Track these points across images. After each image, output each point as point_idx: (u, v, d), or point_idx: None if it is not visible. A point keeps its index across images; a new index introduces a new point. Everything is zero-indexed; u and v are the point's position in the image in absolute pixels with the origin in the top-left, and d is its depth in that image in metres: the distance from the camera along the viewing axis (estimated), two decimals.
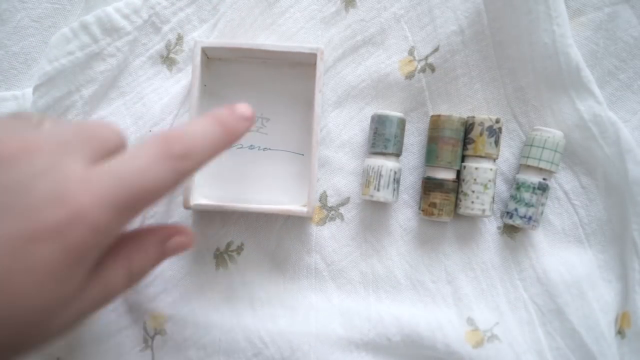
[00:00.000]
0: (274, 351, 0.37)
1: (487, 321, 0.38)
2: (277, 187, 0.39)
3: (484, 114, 0.39)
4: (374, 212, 0.39)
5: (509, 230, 0.39)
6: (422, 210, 0.38)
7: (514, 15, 0.37)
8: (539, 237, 0.39)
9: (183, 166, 0.25)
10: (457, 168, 0.38)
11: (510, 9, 0.37)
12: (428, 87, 0.39)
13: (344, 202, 0.40)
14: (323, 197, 0.40)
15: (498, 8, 0.37)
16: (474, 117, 0.37)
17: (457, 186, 0.38)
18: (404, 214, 0.39)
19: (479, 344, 0.37)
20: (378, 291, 0.39)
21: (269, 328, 0.38)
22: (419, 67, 0.39)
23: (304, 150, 0.39)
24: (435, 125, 0.37)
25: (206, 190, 0.39)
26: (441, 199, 0.37)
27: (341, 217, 0.40)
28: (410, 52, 0.39)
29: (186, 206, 0.36)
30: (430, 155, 0.38)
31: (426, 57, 0.39)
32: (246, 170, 0.39)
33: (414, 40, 0.39)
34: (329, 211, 0.40)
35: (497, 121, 0.37)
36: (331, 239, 0.39)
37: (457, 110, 0.39)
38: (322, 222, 0.39)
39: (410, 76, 0.39)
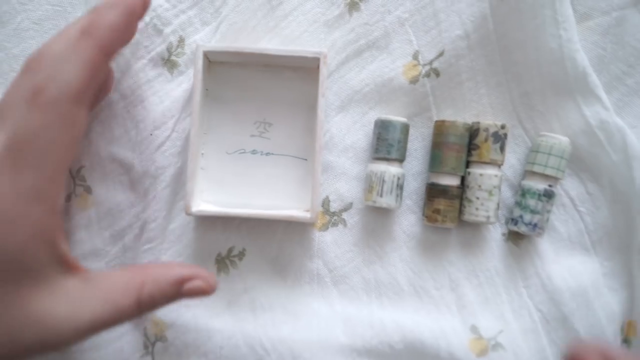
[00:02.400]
0: (275, 358, 0.37)
1: (491, 329, 0.38)
2: (280, 192, 0.39)
3: (489, 120, 0.38)
4: (377, 217, 0.39)
5: (514, 237, 0.39)
6: (426, 217, 0.37)
7: (520, 19, 0.37)
8: (544, 245, 0.38)
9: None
10: (462, 174, 0.37)
11: (516, 14, 0.37)
12: (432, 91, 0.38)
13: (347, 207, 0.39)
14: (326, 203, 0.39)
15: (504, 12, 0.37)
16: (479, 122, 0.37)
17: (461, 192, 0.37)
18: (408, 220, 0.39)
19: (483, 353, 0.37)
20: (381, 298, 0.39)
21: (270, 335, 0.37)
22: (424, 71, 0.38)
23: (307, 155, 0.39)
24: (440, 131, 0.37)
25: (208, 195, 0.38)
26: (445, 205, 0.37)
27: (344, 222, 0.39)
28: (415, 57, 0.39)
29: (188, 212, 0.36)
30: (435, 161, 0.37)
31: (431, 62, 0.38)
32: (249, 175, 0.39)
33: (418, 45, 0.39)
34: (331, 216, 0.39)
35: (503, 127, 0.36)
36: (334, 244, 0.39)
37: (462, 115, 0.39)
38: (325, 227, 0.39)
39: (414, 81, 0.38)
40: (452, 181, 0.37)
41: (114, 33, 0.30)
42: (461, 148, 0.37)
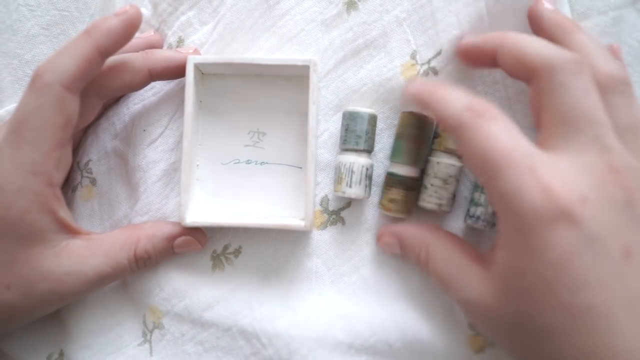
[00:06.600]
0: (272, 352, 0.37)
1: None
2: (276, 201, 0.39)
3: None
4: (376, 216, 0.39)
5: None
6: (382, 205, 0.38)
7: (516, 18, 0.37)
8: None
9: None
10: (422, 167, 0.37)
11: (512, 13, 0.37)
12: None
13: (346, 206, 0.39)
14: (324, 201, 0.39)
15: (500, 12, 0.37)
16: None
17: (418, 185, 0.37)
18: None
19: (480, 349, 0.37)
20: (379, 296, 0.39)
21: (267, 329, 0.37)
22: (422, 70, 0.39)
23: (301, 163, 0.39)
24: (405, 122, 0.37)
25: (204, 206, 0.39)
26: (402, 196, 0.37)
27: (342, 221, 0.39)
28: (413, 56, 0.39)
29: (183, 224, 0.36)
30: (396, 151, 0.37)
31: (429, 61, 0.39)
32: (244, 186, 0.39)
33: (416, 44, 0.39)
34: (330, 215, 0.39)
35: None
36: (332, 243, 0.39)
37: None
38: (323, 226, 0.39)
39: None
40: (410, 172, 0.37)
41: (111, 36, 0.33)
42: (424, 141, 0.37)
